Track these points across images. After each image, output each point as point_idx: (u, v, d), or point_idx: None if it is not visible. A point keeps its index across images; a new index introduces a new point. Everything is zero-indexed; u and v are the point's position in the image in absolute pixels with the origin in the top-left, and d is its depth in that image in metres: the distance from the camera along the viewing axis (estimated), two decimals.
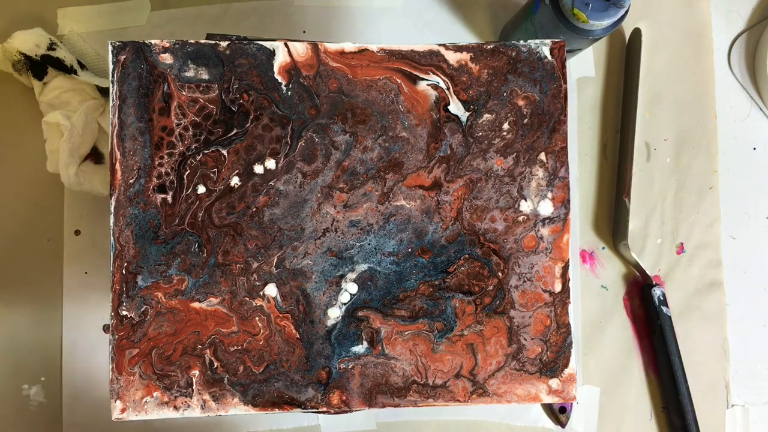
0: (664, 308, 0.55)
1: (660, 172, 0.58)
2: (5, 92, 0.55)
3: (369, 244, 0.37)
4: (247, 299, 0.37)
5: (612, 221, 0.57)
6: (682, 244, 0.58)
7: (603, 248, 0.58)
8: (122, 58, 0.36)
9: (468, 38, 0.58)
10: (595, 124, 0.58)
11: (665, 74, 0.58)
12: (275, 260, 0.37)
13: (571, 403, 0.55)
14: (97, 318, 0.55)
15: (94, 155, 0.53)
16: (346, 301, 0.37)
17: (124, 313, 0.36)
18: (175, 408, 0.36)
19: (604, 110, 0.58)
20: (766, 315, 0.59)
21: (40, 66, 0.52)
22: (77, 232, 0.55)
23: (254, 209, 0.37)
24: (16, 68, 0.52)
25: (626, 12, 0.45)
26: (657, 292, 0.55)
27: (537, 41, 0.38)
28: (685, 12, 0.59)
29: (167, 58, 0.36)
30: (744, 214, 0.59)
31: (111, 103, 0.36)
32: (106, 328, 0.55)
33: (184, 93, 0.36)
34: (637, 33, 0.56)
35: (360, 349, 0.37)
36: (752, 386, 0.58)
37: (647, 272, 0.56)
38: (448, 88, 0.37)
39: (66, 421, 0.54)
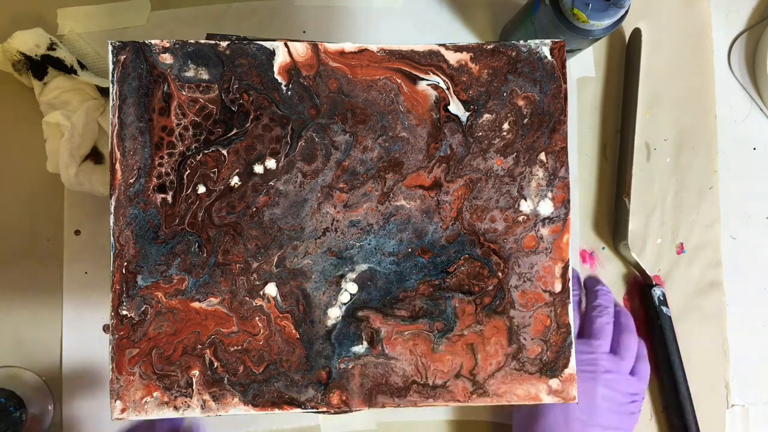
0: (664, 308, 0.55)
1: (660, 172, 0.58)
2: (5, 92, 0.55)
3: (369, 244, 0.37)
4: (247, 299, 0.37)
5: (612, 221, 0.57)
6: (682, 244, 0.58)
7: (603, 248, 0.57)
8: (122, 58, 0.36)
9: (468, 38, 0.58)
10: (595, 124, 0.58)
11: (665, 74, 0.58)
12: (275, 260, 0.37)
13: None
14: (97, 318, 0.55)
15: (94, 155, 0.53)
16: (346, 301, 0.37)
17: (124, 312, 0.36)
18: (175, 408, 0.36)
19: (604, 110, 0.58)
20: (766, 315, 0.59)
21: (40, 66, 0.52)
22: (77, 232, 0.55)
23: (254, 209, 0.37)
24: (16, 68, 0.52)
25: (626, 12, 0.45)
26: (657, 292, 0.55)
27: (537, 41, 0.38)
28: (685, 12, 0.59)
29: (167, 58, 0.36)
30: (744, 214, 0.59)
31: (111, 103, 0.36)
32: (106, 328, 0.55)
33: (184, 93, 0.36)
34: (637, 33, 0.56)
35: (360, 349, 0.37)
36: (752, 386, 0.58)
37: (647, 272, 0.56)
38: (448, 88, 0.37)
39: (66, 421, 0.54)
